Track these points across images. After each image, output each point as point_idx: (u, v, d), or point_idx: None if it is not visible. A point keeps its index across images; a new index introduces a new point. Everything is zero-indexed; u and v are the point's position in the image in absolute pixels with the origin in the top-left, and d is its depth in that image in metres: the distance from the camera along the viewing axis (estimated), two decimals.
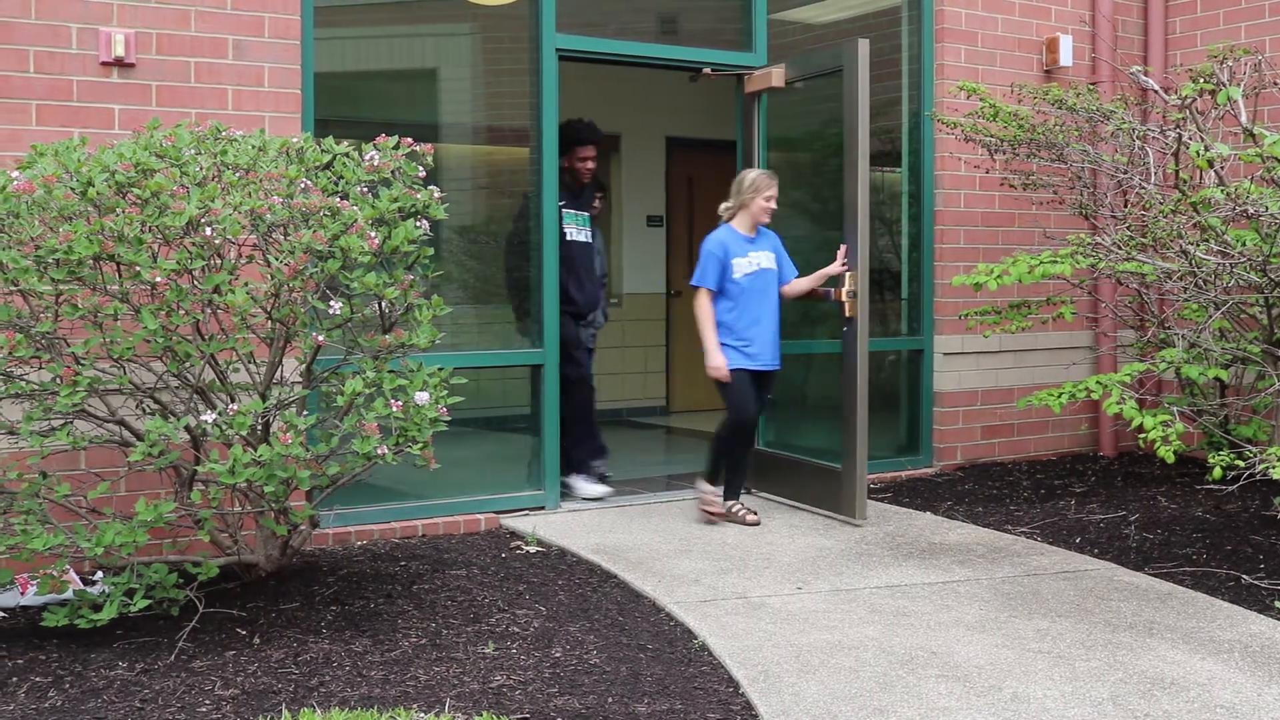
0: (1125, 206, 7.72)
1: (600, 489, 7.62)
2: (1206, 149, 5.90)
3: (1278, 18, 8.43)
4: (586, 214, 7.81)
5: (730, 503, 7.03)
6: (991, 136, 7.76)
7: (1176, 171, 6.47)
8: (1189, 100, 6.32)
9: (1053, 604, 5.43)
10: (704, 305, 6.92)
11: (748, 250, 6.96)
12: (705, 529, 6.79)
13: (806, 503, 7.36)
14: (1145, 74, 7.48)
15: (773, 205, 6.98)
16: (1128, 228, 7.14)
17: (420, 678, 4.52)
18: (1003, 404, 8.60)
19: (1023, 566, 6.04)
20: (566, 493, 7.53)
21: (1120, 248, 6.88)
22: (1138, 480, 8.04)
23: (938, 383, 8.45)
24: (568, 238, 7.51)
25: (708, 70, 7.83)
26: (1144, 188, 6.86)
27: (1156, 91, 7.06)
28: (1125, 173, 7.26)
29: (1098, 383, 6.95)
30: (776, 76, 7.59)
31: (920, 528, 6.84)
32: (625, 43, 7.54)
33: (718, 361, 6.84)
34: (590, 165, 7.76)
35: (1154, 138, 6.99)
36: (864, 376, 6.91)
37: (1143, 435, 6.36)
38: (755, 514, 7.00)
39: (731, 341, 6.90)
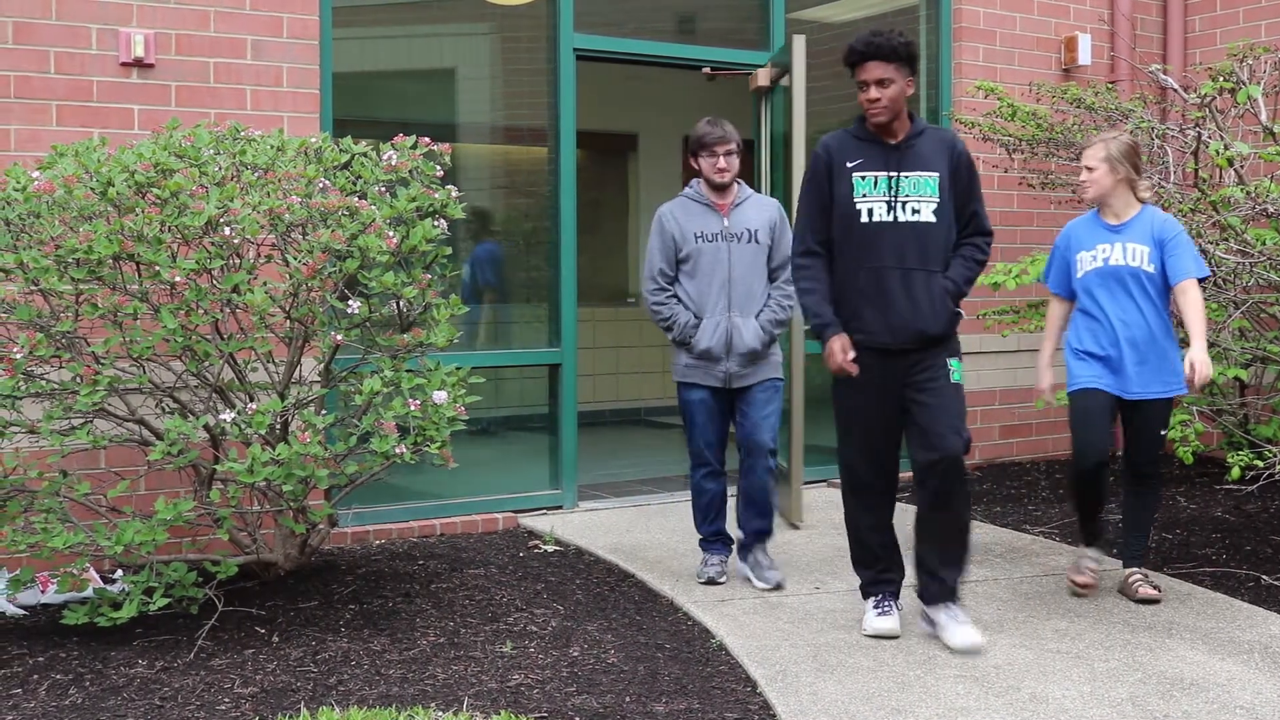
0: None
1: (885, 622, 4.98)
2: (1226, 147, 5.88)
3: None
4: (920, 175, 4.83)
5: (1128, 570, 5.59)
6: (1010, 136, 7.75)
7: (1196, 170, 6.45)
8: (1208, 99, 6.30)
9: (1071, 604, 5.41)
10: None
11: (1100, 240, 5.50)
12: None
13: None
14: (1164, 72, 7.46)
15: (1082, 177, 5.55)
16: None
17: (438, 676, 4.53)
18: (1021, 404, 8.58)
19: (1041, 566, 6.02)
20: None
21: None
22: None
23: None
24: (864, 218, 4.85)
25: (706, 69, 7.84)
26: (1163, 187, 6.83)
27: (1175, 90, 7.03)
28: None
29: None
30: (762, 76, 7.60)
31: None
32: (643, 42, 7.54)
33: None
34: (876, 95, 4.79)
35: (1173, 136, 6.97)
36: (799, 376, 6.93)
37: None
38: (1153, 587, 5.47)
39: None
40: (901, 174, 4.84)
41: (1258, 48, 7.11)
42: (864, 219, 4.85)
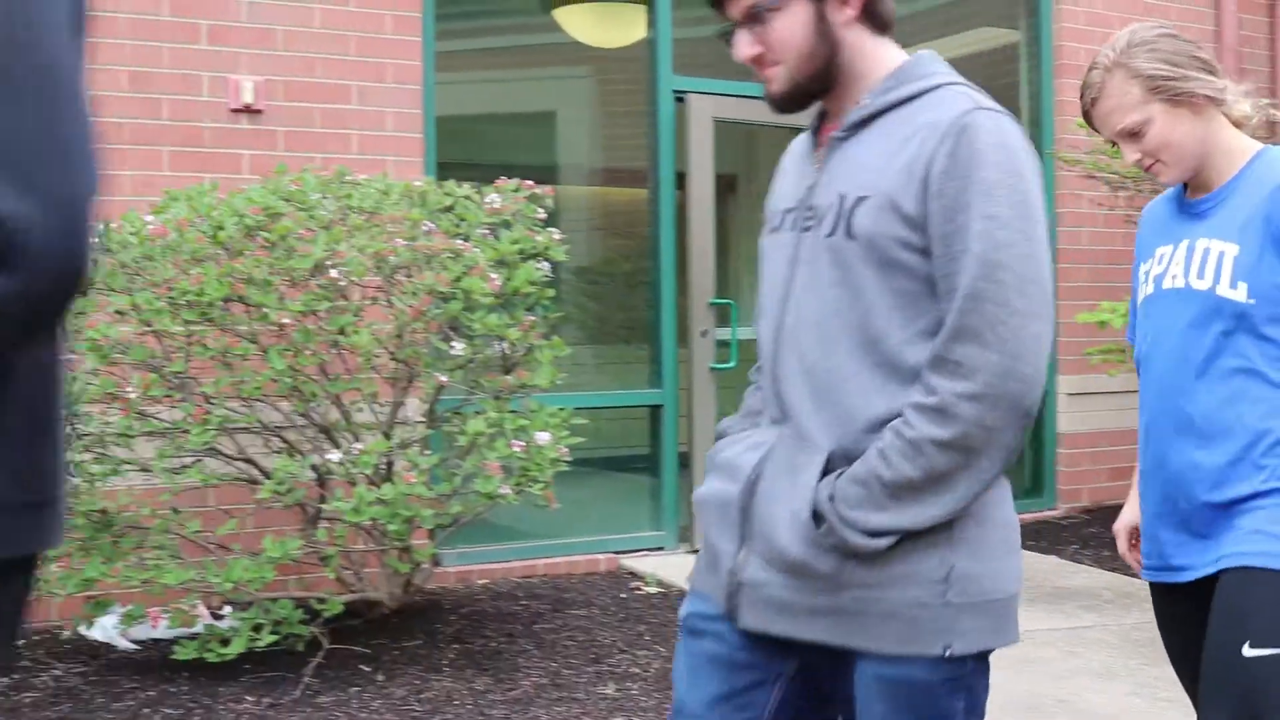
0: None
1: None
2: None
3: None
4: None
5: None
6: (1113, 173, 7.64)
7: None
8: None
9: None
10: None
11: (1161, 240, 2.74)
12: None
13: None
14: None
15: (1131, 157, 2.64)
16: None
17: (541, 718, 4.52)
18: (1129, 445, 8.41)
19: (1152, 613, 5.87)
20: None
21: None
22: None
23: (1061, 424, 8.30)
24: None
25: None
26: None
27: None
28: None
29: None
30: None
31: (1045, 571, 6.70)
32: (741, 83, 7.54)
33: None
34: None
35: None
36: None
37: None
38: None
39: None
40: None
41: None
42: None
